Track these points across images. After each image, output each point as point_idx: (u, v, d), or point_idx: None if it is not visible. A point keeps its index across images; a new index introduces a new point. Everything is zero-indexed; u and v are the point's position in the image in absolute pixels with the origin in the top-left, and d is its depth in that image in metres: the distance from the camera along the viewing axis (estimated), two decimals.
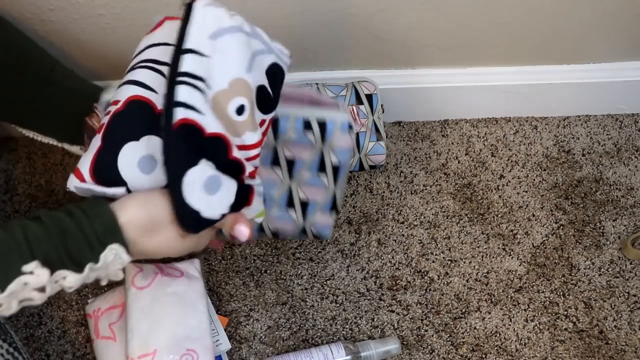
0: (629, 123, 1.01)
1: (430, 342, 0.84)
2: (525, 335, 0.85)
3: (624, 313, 0.86)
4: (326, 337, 0.84)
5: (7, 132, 0.98)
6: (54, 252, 0.46)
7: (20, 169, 0.96)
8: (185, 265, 0.82)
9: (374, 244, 0.91)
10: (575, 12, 0.82)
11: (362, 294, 0.87)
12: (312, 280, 0.88)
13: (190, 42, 0.52)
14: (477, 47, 0.88)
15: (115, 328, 0.79)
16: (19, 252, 0.45)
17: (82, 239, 0.47)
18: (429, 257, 0.90)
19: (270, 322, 0.85)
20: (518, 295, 0.87)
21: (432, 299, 0.87)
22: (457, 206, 0.94)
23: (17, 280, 0.44)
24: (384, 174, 0.96)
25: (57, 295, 0.86)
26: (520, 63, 0.92)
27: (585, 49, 0.90)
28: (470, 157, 0.97)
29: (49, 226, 0.47)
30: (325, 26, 0.81)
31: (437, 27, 0.83)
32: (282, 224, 0.76)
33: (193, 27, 0.52)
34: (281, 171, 0.75)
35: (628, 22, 0.84)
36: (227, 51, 0.54)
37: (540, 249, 0.91)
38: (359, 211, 0.93)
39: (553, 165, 0.97)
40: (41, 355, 0.83)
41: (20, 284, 0.45)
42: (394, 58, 0.90)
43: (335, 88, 0.90)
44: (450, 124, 1.00)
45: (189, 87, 0.51)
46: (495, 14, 0.81)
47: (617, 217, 0.93)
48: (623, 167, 0.97)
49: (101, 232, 0.48)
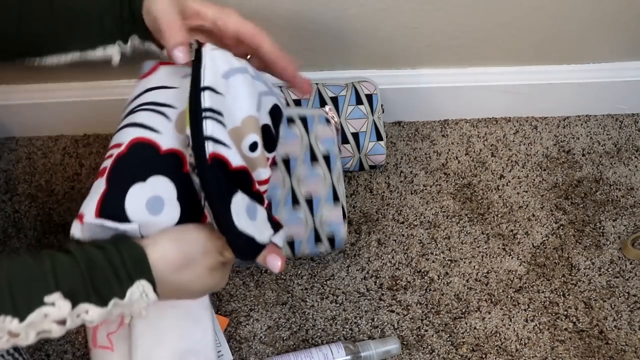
0: (629, 123, 1.01)
1: (430, 342, 0.84)
2: (525, 335, 0.85)
3: (624, 313, 0.86)
4: (326, 337, 0.84)
5: (7, 132, 0.98)
6: (79, 284, 0.45)
7: (20, 169, 0.96)
8: None
9: (374, 244, 0.91)
10: (575, 12, 0.82)
11: (362, 294, 0.87)
12: (312, 280, 0.88)
13: (206, 80, 0.53)
14: (477, 47, 0.88)
15: (113, 338, 0.78)
16: (45, 282, 0.44)
17: (111, 271, 0.46)
18: (429, 257, 0.90)
19: (270, 322, 0.85)
20: (518, 295, 0.88)
21: (432, 299, 0.87)
22: (457, 206, 0.94)
23: (37, 311, 0.43)
24: (384, 174, 0.96)
25: None
26: (520, 63, 0.92)
27: (585, 49, 0.90)
28: (470, 157, 0.98)
29: (77, 258, 0.46)
30: (325, 26, 0.81)
31: (437, 27, 0.83)
32: (294, 228, 0.80)
33: (207, 67, 0.53)
34: (280, 171, 0.80)
35: (628, 22, 0.84)
36: (238, 90, 0.55)
37: (540, 249, 0.91)
38: (359, 211, 0.93)
39: (553, 165, 0.97)
40: (41, 355, 0.83)
41: (40, 315, 0.43)
42: (394, 58, 0.90)
43: (335, 88, 0.90)
44: (450, 124, 1.00)
45: (214, 121, 0.52)
46: (495, 14, 0.81)
47: (617, 217, 0.93)
48: (623, 167, 0.97)
49: (131, 266, 0.47)
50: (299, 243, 0.80)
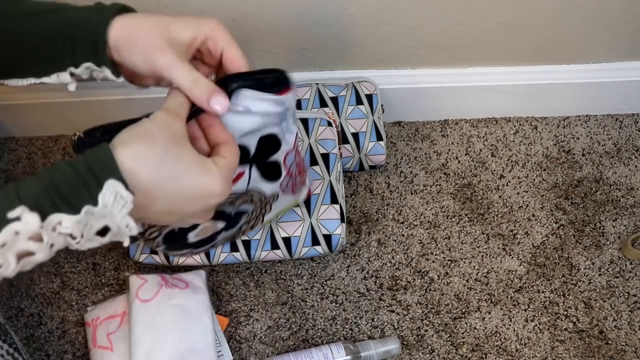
0: (629, 123, 1.01)
1: (430, 342, 0.84)
2: (525, 335, 0.85)
3: (624, 313, 0.86)
4: (326, 337, 0.84)
5: (7, 132, 0.98)
6: (43, 195, 0.42)
7: (20, 169, 0.96)
8: (191, 277, 0.82)
9: (374, 244, 0.91)
10: (575, 12, 0.82)
11: (362, 294, 0.87)
12: (312, 280, 0.88)
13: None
14: (477, 47, 0.88)
15: (113, 338, 0.78)
16: (7, 200, 0.41)
17: (76, 178, 0.42)
18: (429, 257, 0.90)
19: (270, 322, 0.85)
20: (518, 295, 0.88)
21: (432, 299, 0.87)
22: (457, 206, 0.94)
23: (5, 229, 0.41)
24: (384, 174, 0.96)
25: (58, 295, 0.87)
26: (520, 63, 0.92)
27: (585, 49, 0.90)
28: (470, 157, 0.98)
29: (40, 172, 0.43)
30: (325, 26, 0.81)
31: (437, 27, 0.83)
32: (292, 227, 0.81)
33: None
34: None
35: (628, 22, 0.84)
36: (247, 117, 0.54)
37: (540, 249, 0.91)
38: (359, 211, 0.93)
39: (553, 165, 0.97)
40: (41, 355, 0.83)
41: (10, 233, 0.41)
42: (394, 58, 0.90)
43: (335, 88, 0.90)
44: (450, 124, 1.00)
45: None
46: (495, 14, 0.81)
47: (617, 217, 0.93)
48: (623, 167, 0.97)
49: (96, 167, 0.43)
50: (296, 243, 0.81)
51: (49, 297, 0.87)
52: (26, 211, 0.41)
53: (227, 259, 0.82)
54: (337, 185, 0.82)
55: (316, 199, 0.81)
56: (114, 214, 0.44)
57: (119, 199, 0.43)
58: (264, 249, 0.81)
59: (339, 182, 0.83)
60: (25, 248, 0.42)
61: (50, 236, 0.42)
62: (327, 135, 0.84)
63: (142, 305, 0.77)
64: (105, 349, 0.78)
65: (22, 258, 0.42)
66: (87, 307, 0.85)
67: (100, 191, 0.43)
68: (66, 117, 0.95)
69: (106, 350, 0.78)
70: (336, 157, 0.83)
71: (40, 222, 0.41)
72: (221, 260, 0.82)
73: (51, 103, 0.92)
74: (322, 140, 0.83)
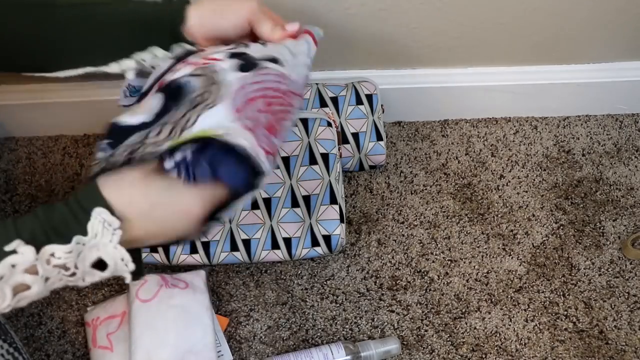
0: (629, 123, 1.01)
1: (430, 342, 0.84)
2: (525, 335, 0.85)
3: (624, 313, 0.86)
4: (326, 337, 0.84)
5: (7, 132, 0.98)
6: (38, 228, 0.44)
7: (20, 169, 0.96)
8: (191, 277, 0.82)
9: (374, 244, 0.91)
10: (575, 12, 0.82)
11: (362, 294, 0.87)
12: (312, 280, 0.88)
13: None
14: (477, 47, 0.88)
15: (113, 338, 0.78)
16: (5, 234, 0.43)
17: (66, 210, 0.45)
18: (429, 257, 0.90)
19: (270, 322, 0.85)
20: (518, 295, 0.88)
21: (432, 299, 0.87)
22: (457, 206, 0.94)
23: (2, 263, 0.42)
24: (384, 174, 0.96)
25: (58, 295, 0.86)
26: (520, 63, 0.92)
27: (585, 49, 0.90)
28: (470, 157, 0.98)
29: (38, 210, 0.45)
30: (326, 26, 0.81)
31: (437, 27, 0.83)
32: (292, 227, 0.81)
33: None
34: (280, 171, 0.80)
35: (628, 22, 0.84)
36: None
37: (540, 249, 0.91)
38: (359, 211, 0.93)
39: (553, 165, 0.97)
40: (41, 355, 0.83)
41: (7, 266, 0.42)
42: (394, 58, 0.90)
43: (335, 88, 0.90)
44: (450, 124, 1.00)
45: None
46: (495, 14, 0.81)
47: (617, 217, 0.93)
48: (623, 167, 0.97)
49: (82, 198, 0.45)
50: (296, 244, 0.81)
51: (49, 297, 0.87)
52: (22, 244, 0.43)
53: (227, 259, 0.82)
54: (337, 186, 0.82)
55: (316, 199, 0.81)
56: (105, 243, 0.45)
57: (107, 226, 0.45)
58: (264, 249, 0.81)
59: (338, 183, 0.83)
60: (21, 281, 0.43)
61: (45, 269, 0.44)
62: (327, 135, 0.84)
63: (142, 305, 0.77)
64: (105, 349, 0.78)
65: (18, 292, 0.44)
66: (87, 307, 0.85)
67: (89, 221, 0.44)
68: (66, 117, 0.95)
69: (106, 350, 0.78)
70: (335, 157, 0.83)
71: (36, 254, 0.43)
72: (221, 260, 0.82)
73: (51, 103, 0.92)
74: (321, 140, 0.84)
